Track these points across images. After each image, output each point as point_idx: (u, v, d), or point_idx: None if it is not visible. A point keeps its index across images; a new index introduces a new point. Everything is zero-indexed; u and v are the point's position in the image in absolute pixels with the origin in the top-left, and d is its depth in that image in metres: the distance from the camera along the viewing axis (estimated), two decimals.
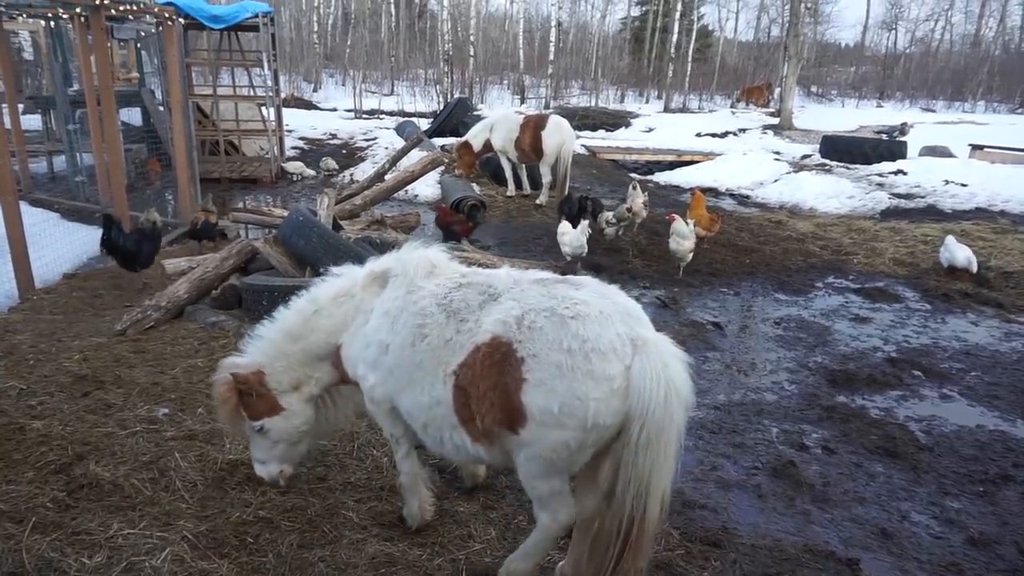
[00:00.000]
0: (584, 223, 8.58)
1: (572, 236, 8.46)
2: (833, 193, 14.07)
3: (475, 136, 12.80)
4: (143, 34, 14.18)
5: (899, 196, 14.01)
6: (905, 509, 4.26)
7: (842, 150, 18.22)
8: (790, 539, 3.90)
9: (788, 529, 4.01)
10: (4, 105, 9.91)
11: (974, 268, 8.58)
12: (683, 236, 8.40)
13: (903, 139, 19.71)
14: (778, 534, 3.95)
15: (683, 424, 2.68)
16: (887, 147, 18.01)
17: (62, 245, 8.18)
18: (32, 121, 14.28)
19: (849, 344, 6.88)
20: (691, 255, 8.57)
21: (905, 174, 15.49)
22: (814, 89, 43.55)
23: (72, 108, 11.28)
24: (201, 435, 4.31)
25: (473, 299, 2.93)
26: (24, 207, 7.69)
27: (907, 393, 5.86)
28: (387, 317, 3.14)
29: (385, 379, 3.16)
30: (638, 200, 10.09)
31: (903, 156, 17.28)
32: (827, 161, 18.00)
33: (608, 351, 2.62)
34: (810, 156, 19.04)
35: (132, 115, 14.29)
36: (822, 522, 4.10)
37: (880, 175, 15.85)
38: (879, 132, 23.81)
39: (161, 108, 13.27)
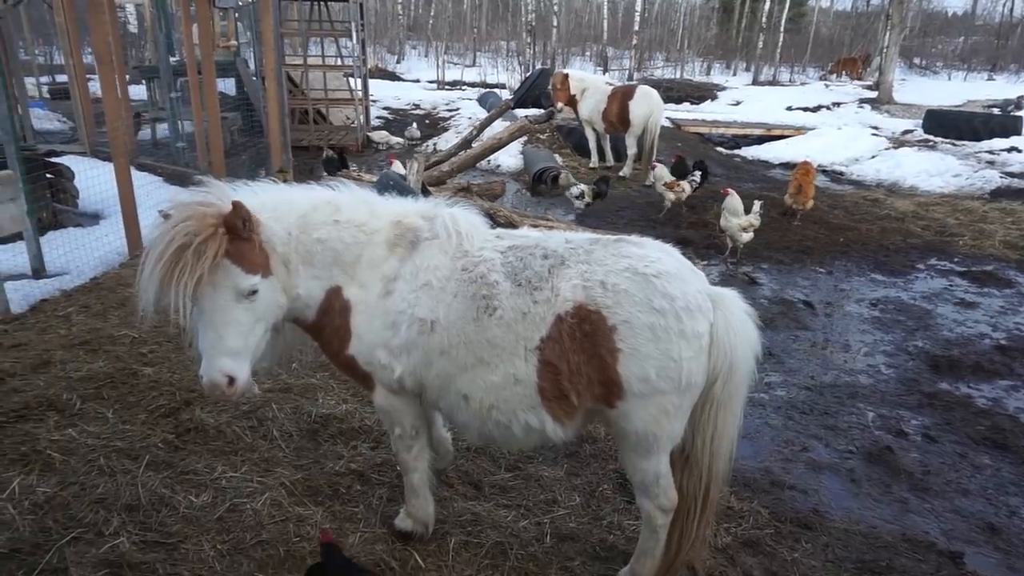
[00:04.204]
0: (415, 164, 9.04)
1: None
2: (937, 171, 13.19)
3: (576, 80, 12.55)
4: (241, 3, 14.62)
5: (1012, 175, 13.02)
6: (1015, 504, 4.01)
7: (948, 125, 17.11)
8: (887, 527, 3.74)
9: (884, 516, 3.85)
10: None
11: None
12: (733, 213, 7.77)
13: (1018, 114, 18.27)
14: (873, 521, 3.80)
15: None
16: (999, 122, 16.81)
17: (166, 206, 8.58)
18: (137, 90, 15.02)
19: (953, 329, 6.49)
20: (747, 237, 7.85)
21: (1020, 151, 14.47)
22: (917, 61, 40.89)
23: (174, 77, 11.78)
24: (296, 388, 4.49)
25: (537, 264, 2.67)
26: (131, 170, 8.11)
27: (1018, 383, 5.49)
28: (427, 289, 2.72)
29: (428, 362, 2.74)
30: (661, 182, 9.76)
31: (1017, 132, 16.13)
32: (931, 137, 16.94)
33: (695, 308, 2.57)
34: (912, 131, 17.92)
35: (227, 85, 14.78)
36: (921, 512, 3.92)
37: (991, 152, 14.85)
38: (990, 107, 22.14)
39: (254, 78, 13.69)
